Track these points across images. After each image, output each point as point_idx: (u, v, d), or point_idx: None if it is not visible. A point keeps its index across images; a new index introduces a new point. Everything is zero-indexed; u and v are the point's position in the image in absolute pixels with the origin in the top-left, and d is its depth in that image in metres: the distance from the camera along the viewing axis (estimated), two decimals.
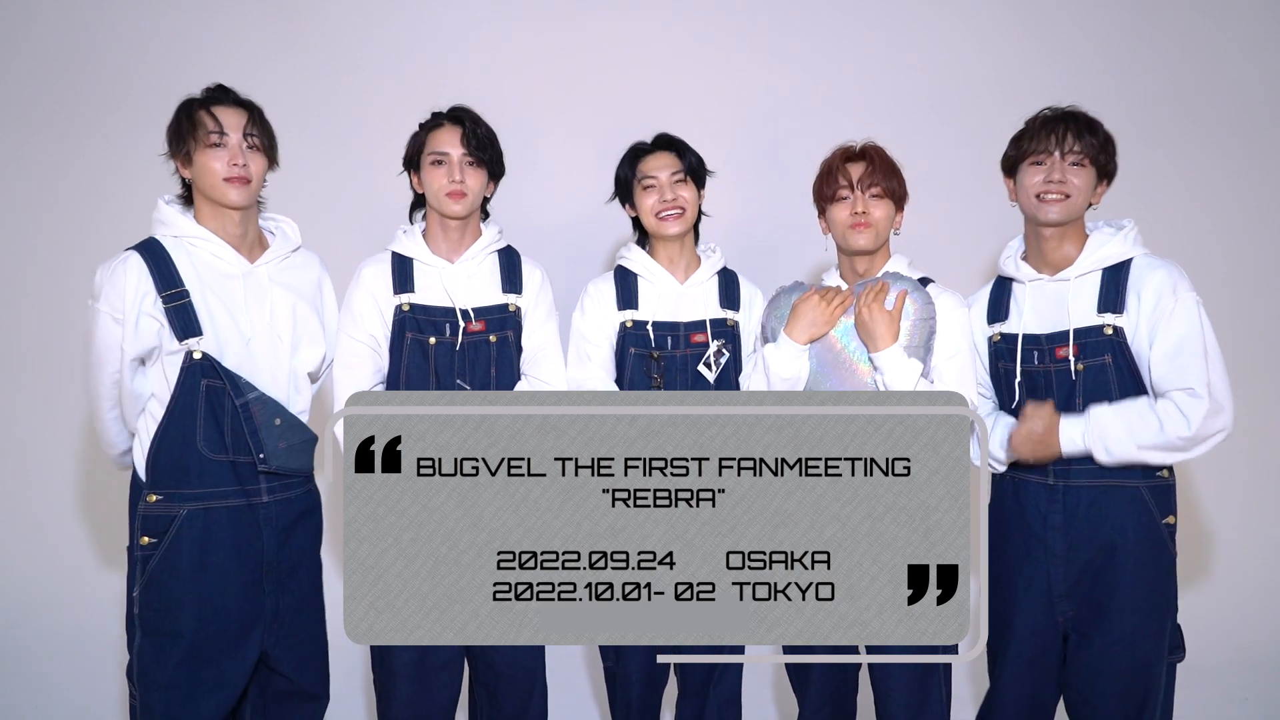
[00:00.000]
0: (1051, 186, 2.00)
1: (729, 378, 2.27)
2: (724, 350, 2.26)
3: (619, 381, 2.29)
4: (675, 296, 2.29)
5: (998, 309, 2.14)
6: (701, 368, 2.25)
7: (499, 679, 2.23)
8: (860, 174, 2.07)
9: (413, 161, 2.23)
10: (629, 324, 2.27)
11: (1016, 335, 2.08)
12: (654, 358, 2.25)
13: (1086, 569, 2.01)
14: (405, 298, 2.17)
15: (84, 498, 3.48)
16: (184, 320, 1.93)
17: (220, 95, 2.01)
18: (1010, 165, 2.10)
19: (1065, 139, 2.00)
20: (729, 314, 2.30)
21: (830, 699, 2.19)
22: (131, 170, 3.25)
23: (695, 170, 2.28)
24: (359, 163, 3.18)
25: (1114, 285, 1.99)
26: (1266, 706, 2.99)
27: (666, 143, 2.30)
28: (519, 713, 2.26)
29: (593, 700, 3.04)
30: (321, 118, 3.26)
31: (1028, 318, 2.07)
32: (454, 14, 3.36)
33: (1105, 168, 2.04)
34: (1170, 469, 1.99)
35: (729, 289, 2.33)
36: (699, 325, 2.27)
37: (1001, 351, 2.12)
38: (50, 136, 3.38)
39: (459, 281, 2.20)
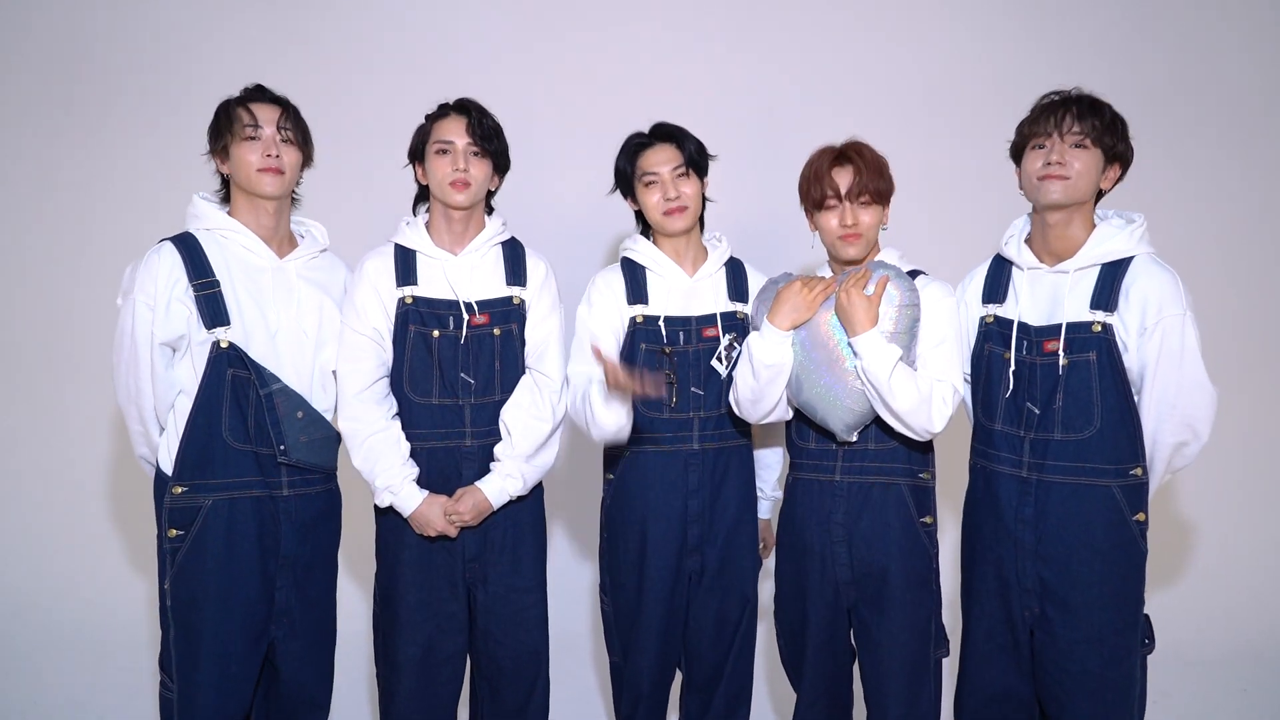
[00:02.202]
0: (1050, 169, 1.96)
1: None
2: (735, 344, 2.23)
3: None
4: (685, 290, 2.26)
5: (994, 290, 2.12)
6: (714, 363, 2.23)
7: (501, 672, 2.24)
8: (849, 184, 2.04)
9: (418, 153, 2.21)
10: (639, 319, 2.23)
11: (1011, 321, 2.06)
12: (666, 354, 2.23)
13: (1055, 565, 2.00)
14: (408, 290, 2.15)
15: (115, 495, 3.50)
16: (213, 309, 1.98)
17: (256, 93, 2.08)
18: (1016, 152, 2.06)
19: (1064, 120, 1.96)
20: (738, 306, 2.27)
21: (826, 689, 2.21)
22: (174, 171, 3.26)
23: (696, 161, 2.23)
24: (360, 157, 3.19)
25: (1110, 282, 1.95)
26: (1266, 700, 3.00)
27: (665, 134, 2.24)
28: (520, 706, 2.26)
29: (596, 694, 3.05)
30: (324, 113, 3.28)
31: (1024, 306, 2.05)
32: (455, 9, 3.37)
33: (1113, 150, 1.98)
34: (1143, 467, 1.97)
35: (737, 280, 2.30)
36: (710, 319, 2.25)
37: (992, 334, 2.10)
38: (84, 136, 3.40)
39: (462, 274, 2.18)
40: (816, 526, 2.12)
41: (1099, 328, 1.94)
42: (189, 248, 2.01)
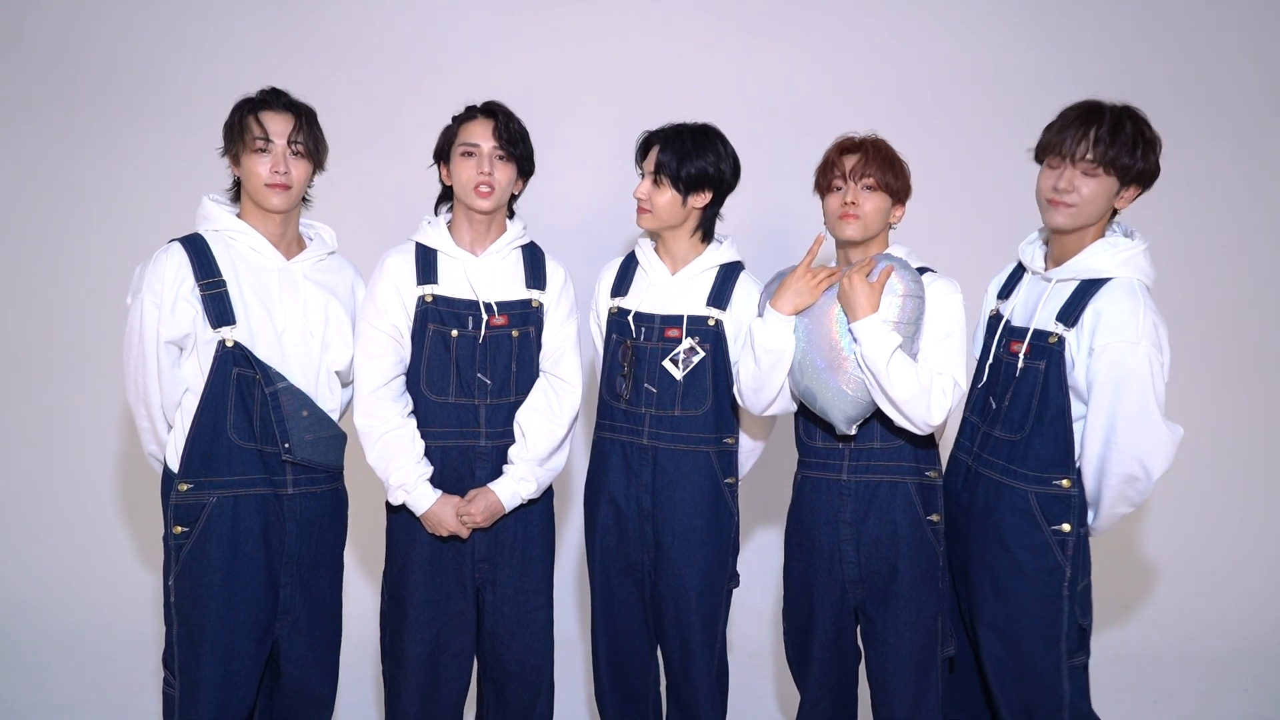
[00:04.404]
0: (1059, 195, 1.95)
1: (701, 379, 2.21)
2: (697, 349, 2.22)
3: (603, 365, 2.32)
4: (664, 287, 2.26)
5: (1008, 287, 2.18)
6: (667, 363, 2.22)
7: (506, 675, 2.24)
8: (854, 165, 2.06)
9: (443, 153, 2.22)
10: (614, 310, 2.29)
11: (1002, 317, 2.12)
12: (627, 346, 2.25)
13: (973, 553, 2.08)
14: (428, 289, 2.15)
15: (123, 492, 3.49)
16: (219, 308, 1.99)
17: (271, 99, 2.06)
18: (1039, 157, 2.04)
19: (1080, 145, 1.92)
20: (713, 312, 2.22)
21: (831, 690, 2.22)
22: (178, 168, 3.28)
23: (673, 174, 2.15)
24: (364, 158, 3.19)
25: (1080, 298, 1.95)
26: (1266, 697, 3.01)
27: (664, 139, 2.19)
28: (525, 709, 2.27)
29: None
30: (328, 112, 3.30)
31: (1016, 305, 2.10)
32: (464, 10, 3.37)
33: (1129, 172, 1.92)
34: (1071, 479, 1.97)
35: (723, 286, 2.24)
36: (675, 320, 2.23)
37: (991, 326, 2.17)
38: (88, 135, 3.39)
39: (483, 275, 2.19)
40: (824, 525, 2.14)
41: (1054, 340, 1.96)
42: (196, 248, 2.02)
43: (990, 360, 2.10)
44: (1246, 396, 3.42)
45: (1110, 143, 1.90)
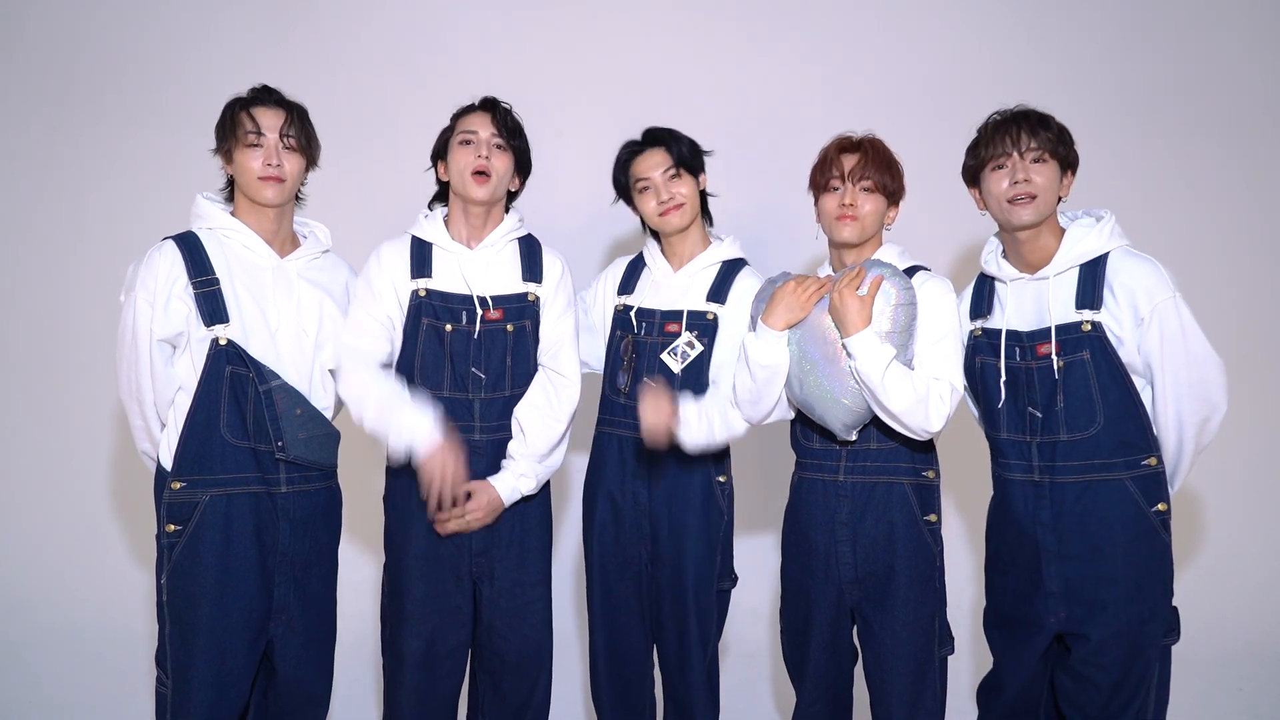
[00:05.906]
0: (1018, 189, 1.99)
1: (700, 372, 2.23)
2: (696, 343, 2.24)
3: (605, 361, 2.36)
4: (667, 284, 2.30)
5: (979, 305, 2.15)
6: (665, 356, 2.24)
7: (504, 667, 2.24)
8: (852, 165, 2.07)
9: (441, 152, 2.22)
10: (619, 307, 2.34)
11: (999, 331, 2.08)
12: (628, 341, 2.28)
13: (1079, 564, 2.00)
14: (422, 283, 2.15)
15: (116, 490, 3.49)
16: (212, 306, 1.99)
17: (263, 96, 2.08)
18: (972, 175, 2.09)
19: (1020, 138, 2.00)
20: (711, 307, 2.26)
21: (827, 690, 2.21)
22: (173, 168, 3.28)
23: (688, 160, 2.26)
24: (369, 160, 3.19)
25: (1091, 281, 1.98)
26: (1261, 698, 3.02)
27: (655, 138, 2.28)
28: (523, 702, 2.26)
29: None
30: (322, 111, 3.30)
31: (1010, 315, 2.08)
32: (468, 13, 3.37)
33: (1066, 159, 2.03)
34: (1156, 457, 1.98)
35: (723, 282, 2.28)
36: (675, 315, 2.27)
37: (982, 346, 2.11)
38: (84, 134, 3.39)
39: (477, 268, 2.19)
40: (821, 526, 2.13)
41: (1088, 326, 1.97)
42: (190, 246, 2.02)
43: (1004, 377, 2.06)
44: (1246, 396, 3.40)
45: (1045, 130, 2.01)
